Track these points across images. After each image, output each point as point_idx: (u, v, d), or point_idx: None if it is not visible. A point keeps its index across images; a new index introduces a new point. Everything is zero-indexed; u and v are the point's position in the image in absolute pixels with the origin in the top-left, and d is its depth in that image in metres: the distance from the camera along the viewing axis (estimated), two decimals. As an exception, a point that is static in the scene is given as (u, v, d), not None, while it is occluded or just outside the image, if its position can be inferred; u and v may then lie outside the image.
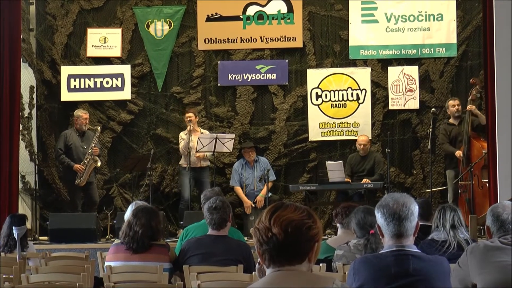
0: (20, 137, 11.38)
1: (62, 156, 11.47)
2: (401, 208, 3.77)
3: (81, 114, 11.64)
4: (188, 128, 11.54)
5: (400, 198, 3.82)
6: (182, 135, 11.75)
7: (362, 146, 11.65)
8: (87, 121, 11.66)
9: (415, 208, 3.81)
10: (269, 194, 11.46)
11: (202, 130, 11.87)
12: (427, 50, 12.32)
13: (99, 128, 11.75)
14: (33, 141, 12.42)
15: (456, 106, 11.31)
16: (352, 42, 12.44)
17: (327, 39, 12.56)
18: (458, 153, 10.98)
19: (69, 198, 11.83)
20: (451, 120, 11.38)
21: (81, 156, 11.43)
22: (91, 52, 12.66)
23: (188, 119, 11.63)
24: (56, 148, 11.81)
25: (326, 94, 12.43)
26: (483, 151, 10.57)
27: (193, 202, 11.79)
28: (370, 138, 12.07)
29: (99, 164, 11.48)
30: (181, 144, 11.65)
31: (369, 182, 11.15)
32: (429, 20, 12.31)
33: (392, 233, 3.80)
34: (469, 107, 11.01)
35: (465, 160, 10.82)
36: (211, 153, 11.52)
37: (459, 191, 10.91)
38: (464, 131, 10.96)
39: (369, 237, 5.62)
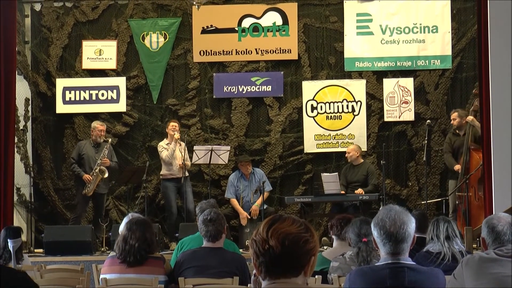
0: (15, 150, 11.36)
1: (73, 165, 11.60)
2: (398, 230, 3.70)
3: (97, 125, 11.70)
4: (175, 136, 11.48)
5: (397, 218, 3.73)
6: (163, 144, 11.72)
7: (346, 154, 11.72)
8: (103, 133, 11.71)
9: (412, 227, 3.74)
10: (265, 206, 11.44)
11: (180, 142, 11.79)
12: (422, 62, 12.35)
13: (110, 139, 11.78)
14: (28, 153, 12.41)
15: (452, 120, 11.28)
16: (347, 54, 12.47)
17: (322, 51, 12.58)
18: (457, 167, 10.95)
19: (77, 207, 11.85)
20: (457, 130, 11.26)
21: (93, 166, 11.49)
22: (87, 64, 12.67)
23: (173, 127, 11.60)
24: (70, 158, 11.89)
25: (321, 106, 12.44)
26: (480, 163, 10.54)
27: (181, 213, 11.74)
28: (366, 150, 12.08)
29: (106, 175, 11.51)
30: (165, 153, 11.60)
31: (363, 193, 11.15)
32: (424, 32, 12.34)
33: (388, 252, 3.77)
34: (469, 117, 10.89)
35: (463, 172, 10.79)
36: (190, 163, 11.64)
37: (457, 202, 10.88)
38: (465, 142, 10.92)
39: (361, 245, 5.58)
